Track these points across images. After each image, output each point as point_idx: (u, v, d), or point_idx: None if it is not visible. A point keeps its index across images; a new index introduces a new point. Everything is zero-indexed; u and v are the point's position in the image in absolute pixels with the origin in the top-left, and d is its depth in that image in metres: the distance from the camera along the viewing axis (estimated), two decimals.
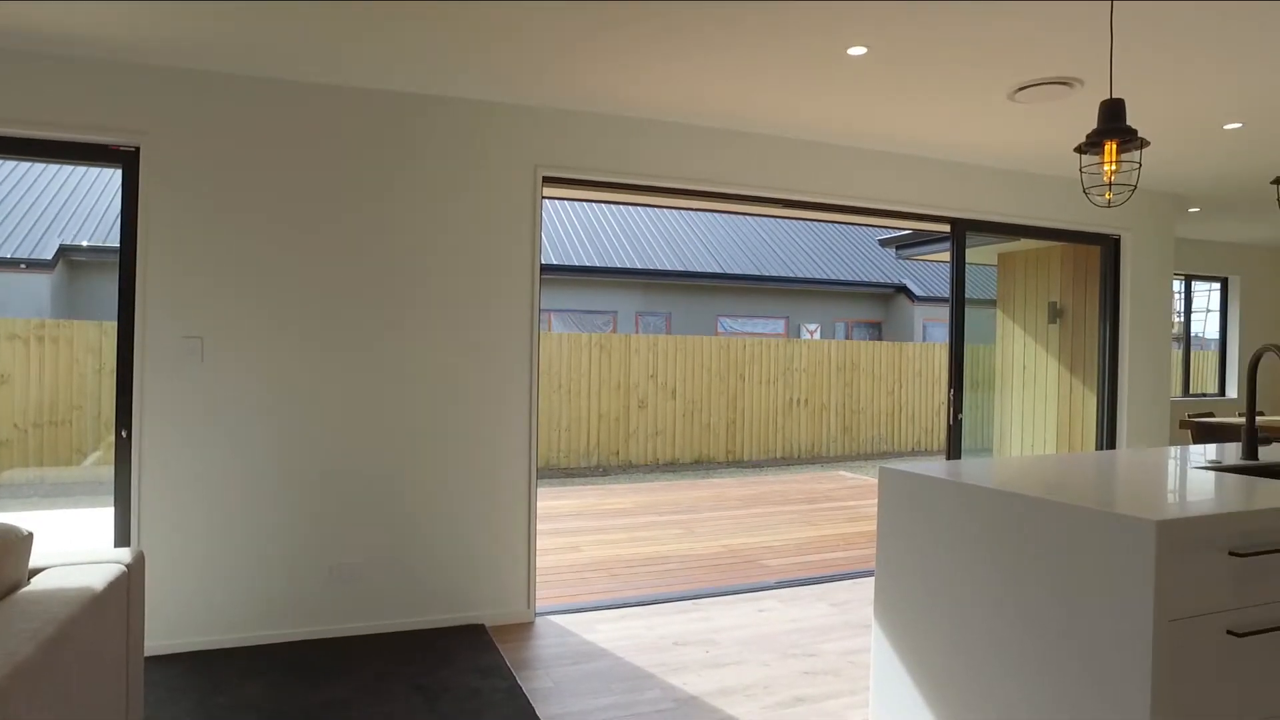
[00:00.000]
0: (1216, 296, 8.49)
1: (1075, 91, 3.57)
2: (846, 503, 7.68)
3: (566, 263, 13.18)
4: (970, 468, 2.61)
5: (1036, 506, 2.10)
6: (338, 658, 3.42)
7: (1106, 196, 2.37)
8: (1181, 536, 1.88)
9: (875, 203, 4.69)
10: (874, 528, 2.63)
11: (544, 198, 4.12)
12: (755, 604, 4.30)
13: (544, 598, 4.33)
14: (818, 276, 14.98)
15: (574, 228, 14.43)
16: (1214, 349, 8.67)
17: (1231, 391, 8.31)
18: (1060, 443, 6.72)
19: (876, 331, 16.13)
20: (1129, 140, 2.31)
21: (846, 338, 15.69)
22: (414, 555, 3.76)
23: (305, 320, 3.60)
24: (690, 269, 14.06)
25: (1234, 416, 6.54)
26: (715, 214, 15.68)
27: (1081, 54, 3.17)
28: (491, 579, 3.89)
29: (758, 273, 14.52)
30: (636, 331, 14.10)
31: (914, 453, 12.30)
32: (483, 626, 3.80)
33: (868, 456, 11.80)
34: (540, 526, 6.24)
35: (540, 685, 3.20)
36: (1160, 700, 1.84)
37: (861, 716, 2.94)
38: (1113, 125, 2.33)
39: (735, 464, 10.86)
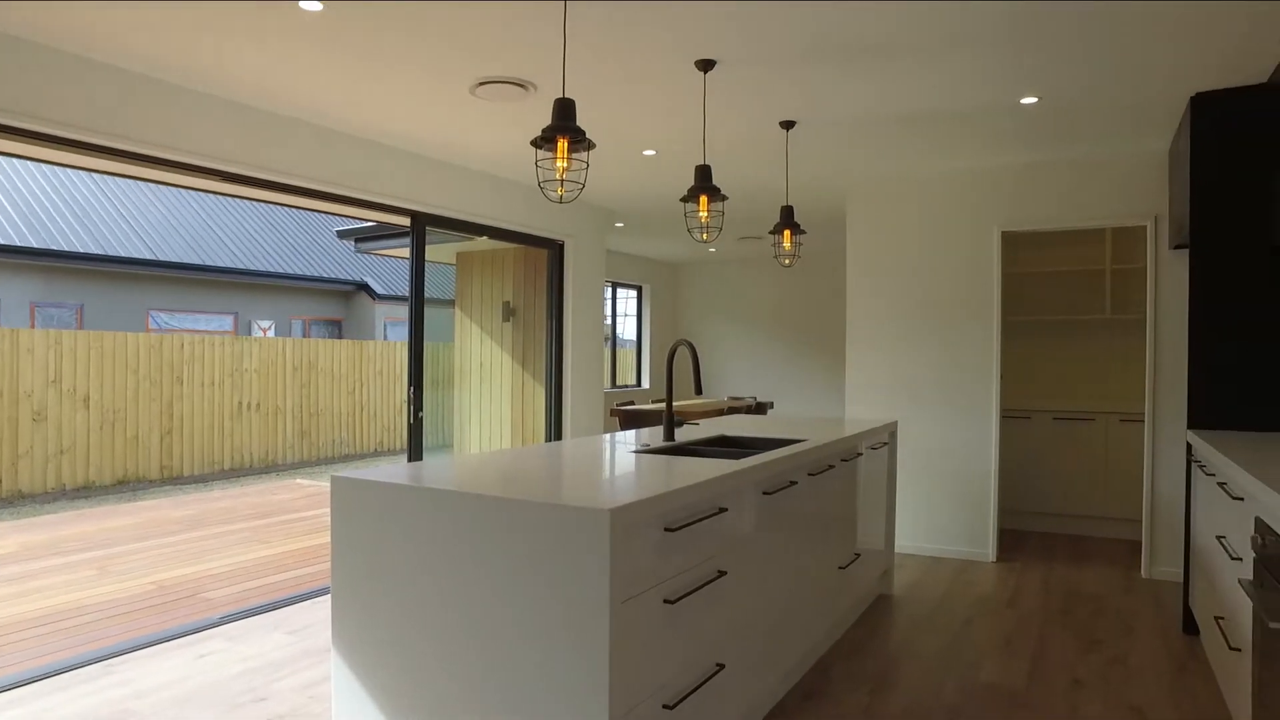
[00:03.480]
0: (634, 302, 9.97)
1: (532, 95, 3.70)
2: (305, 513, 7.12)
3: None
4: (427, 469, 2.47)
5: (493, 505, 2.03)
6: None
7: (559, 192, 2.44)
8: (629, 521, 1.97)
9: (333, 187, 4.32)
10: None
11: None
12: (195, 648, 3.62)
13: None
14: (272, 270, 13.82)
15: None
16: (632, 347, 10.17)
17: (646, 383, 9.83)
18: (515, 435, 7.15)
19: (337, 330, 15.53)
20: (579, 140, 2.39)
21: (304, 336, 14.79)
22: None
23: None
24: (111, 253, 11.76)
25: (650, 404, 7.68)
26: (147, 191, 13.42)
27: (538, 60, 3.27)
28: None
29: (200, 262, 12.82)
30: (32, 326, 11.33)
31: (377, 453, 12.09)
32: None
33: (328, 461, 11.25)
34: None
35: None
36: (616, 676, 1.90)
37: None
38: (565, 123, 2.40)
39: (173, 481, 9.38)
